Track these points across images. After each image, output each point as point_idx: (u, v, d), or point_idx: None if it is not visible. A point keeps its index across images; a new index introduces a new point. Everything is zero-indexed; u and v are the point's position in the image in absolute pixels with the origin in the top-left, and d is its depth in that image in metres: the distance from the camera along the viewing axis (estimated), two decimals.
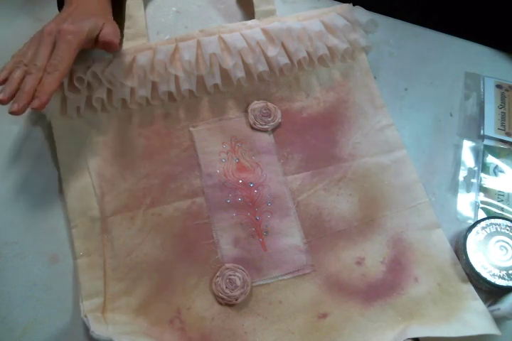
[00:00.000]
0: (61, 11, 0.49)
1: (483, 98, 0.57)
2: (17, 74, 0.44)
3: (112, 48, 0.47)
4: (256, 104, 0.53)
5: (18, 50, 0.46)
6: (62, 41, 0.44)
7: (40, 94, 0.43)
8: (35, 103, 0.43)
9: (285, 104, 0.54)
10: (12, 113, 0.43)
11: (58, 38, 0.45)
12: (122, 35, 0.54)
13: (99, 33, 0.47)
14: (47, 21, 0.57)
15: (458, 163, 0.54)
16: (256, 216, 0.49)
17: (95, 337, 0.41)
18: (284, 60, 0.52)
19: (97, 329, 0.42)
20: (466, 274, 0.47)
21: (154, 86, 0.51)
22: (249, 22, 0.54)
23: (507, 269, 0.46)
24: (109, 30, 0.47)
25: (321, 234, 0.49)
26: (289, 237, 0.49)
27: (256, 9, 0.56)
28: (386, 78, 0.57)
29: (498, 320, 0.44)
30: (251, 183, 0.50)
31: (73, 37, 0.45)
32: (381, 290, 0.47)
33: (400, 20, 0.61)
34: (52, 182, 0.51)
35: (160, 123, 0.52)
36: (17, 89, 0.44)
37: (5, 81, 0.44)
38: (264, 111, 0.53)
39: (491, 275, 0.45)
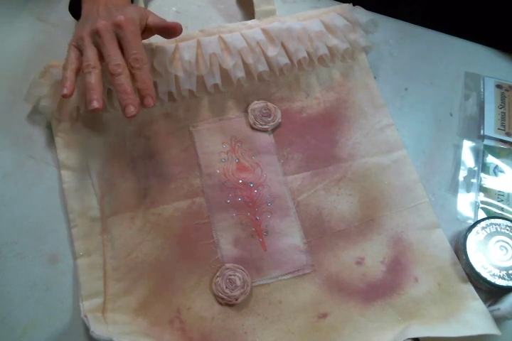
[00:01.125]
0: (87, 10, 0.47)
1: (483, 98, 0.57)
2: (93, 78, 0.42)
3: (178, 31, 0.46)
4: (256, 104, 0.53)
5: (67, 59, 0.44)
6: (128, 34, 0.43)
7: (149, 91, 0.43)
8: (149, 101, 0.43)
9: (285, 104, 0.54)
10: (131, 117, 0.42)
11: (121, 31, 0.43)
12: None
13: (146, 22, 0.46)
14: (47, 22, 0.58)
15: (458, 163, 0.54)
16: (256, 216, 0.49)
17: (95, 337, 0.41)
18: (284, 60, 0.52)
19: (97, 329, 0.42)
20: (466, 274, 0.47)
21: (154, 86, 0.51)
22: (249, 22, 0.54)
23: (507, 269, 0.46)
24: (157, 17, 0.46)
25: (321, 234, 0.49)
26: (289, 237, 0.49)
27: (256, 9, 0.56)
28: (386, 78, 0.57)
29: (498, 320, 0.44)
30: (251, 183, 0.50)
31: (135, 27, 0.44)
32: (381, 290, 0.47)
33: (399, 20, 0.61)
34: (52, 182, 0.51)
35: (160, 123, 0.52)
36: (100, 93, 0.42)
37: (72, 92, 0.43)
38: (264, 111, 0.53)
39: (491, 276, 0.45)
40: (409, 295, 0.47)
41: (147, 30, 0.47)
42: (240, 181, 0.51)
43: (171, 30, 0.46)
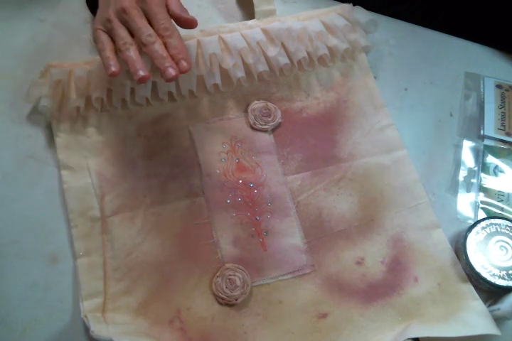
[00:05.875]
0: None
1: (483, 98, 0.57)
2: (132, 52, 0.42)
3: (193, 26, 0.45)
4: (256, 104, 0.53)
5: (101, 42, 0.44)
6: (153, 6, 0.43)
7: (183, 56, 0.43)
8: (185, 65, 0.42)
9: (285, 104, 0.54)
10: (171, 79, 0.42)
11: (146, 5, 0.43)
12: None
13: (167, 7, 0.45)
14: (47, 21, 0.58)
15: (458, 163, 0.54)
16: (256, 216, 0.49)
17: (95, 337, 0.41)
18: (284, 60, 0.52)
19: (97, 329, 0.42)
20: (466, 274, 0.47)
21: (154, 86, 0.51)
22: (249, 22, 0.54)
23: (507, 269, 0.46)
24: (179, 4, 0.45)
25: (321, 234, 0.49)
26: (289, 237, 0.49)
27: (256, 9, 0.56)
28: (386, 78, 0.57)
29: (498, 320, 0.44)
30: (251, 183, 0.50)
31: (161, 0, 0.44)
32: (381, 290, 0.47)
33: (399, 20, 0.61)
34: (52, 182, 0.51)
35: (160, 123, 0.52)
36: (143, 64, 0.42)
37: (120, 70, 0.43)
38: (264, 111, 0.53)
39: (491, 276, 0.45)
40: (409, 295, 0.47)
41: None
42: (240, 181, 0.50)
43: (185, 24, 0.46)
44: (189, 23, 0.45)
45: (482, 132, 0.55)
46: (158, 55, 0.42)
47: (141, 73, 0.42)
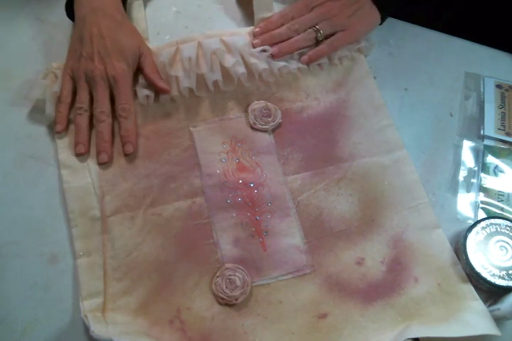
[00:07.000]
0: (79, 30, 0.49)
1: (483, 98, 0.57)
2: (83, 121, 0.49)
3: (165, 93, 0.51)
4: (256, 104, 0.53)
5: (62, 91, 0.49)
6: (121, 86, 0.48)
7: (130, 139, 0.49)
8: (129, 148, 0.49)
9: (285, 104, 0.54)
10: (103, 163, 0.49)
11: (114, 82, 0.48)
12: None
13: (139, 59, 0.50)
14: (47, 22, 0.58)
15: (458, 163, 0.54)
16: (256, 216, 0.49)
17: (95, 337, 0.41)
18: (284, 60, 0.52)
19: (97, 329, 0.42)
20: (466, 274, 0.47)
21: None
22: (249, 29, 0.55)
23: (507, 269, 0.46)
24: (152, 66, 0.50)
25: (321, 234, 0.49)
26: (289, 237, 0.49)
27: (256, 17, 0.56)
28: (386, 78, 0.57)
29: (498, 320, 0.44)
30: (251, 183, 0.50)
31: (128, 79, 0.49)
32: (381, 290, 0.47)
33: (399, 20, 0.61)
34: (52, 182, 0.51)
35: (160, 123, 0.52)
36: (87, 137, 0.49)
37: (65, 129, 0.50)
38: (264, 111, 0.53)
39: (491, 276, 0.45)
40: (409, 295, 0.47)
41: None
42: (240, 181, 0.50)
43: (158, 90, 0.51)
44: (163, 91, 0.51)
45: (482, 132, 0.55)
46: (101, 136, 0.48)
47: (81, 149, 0.49)
